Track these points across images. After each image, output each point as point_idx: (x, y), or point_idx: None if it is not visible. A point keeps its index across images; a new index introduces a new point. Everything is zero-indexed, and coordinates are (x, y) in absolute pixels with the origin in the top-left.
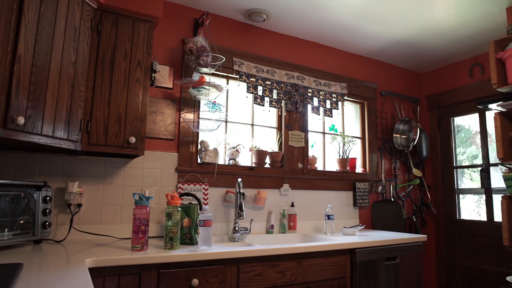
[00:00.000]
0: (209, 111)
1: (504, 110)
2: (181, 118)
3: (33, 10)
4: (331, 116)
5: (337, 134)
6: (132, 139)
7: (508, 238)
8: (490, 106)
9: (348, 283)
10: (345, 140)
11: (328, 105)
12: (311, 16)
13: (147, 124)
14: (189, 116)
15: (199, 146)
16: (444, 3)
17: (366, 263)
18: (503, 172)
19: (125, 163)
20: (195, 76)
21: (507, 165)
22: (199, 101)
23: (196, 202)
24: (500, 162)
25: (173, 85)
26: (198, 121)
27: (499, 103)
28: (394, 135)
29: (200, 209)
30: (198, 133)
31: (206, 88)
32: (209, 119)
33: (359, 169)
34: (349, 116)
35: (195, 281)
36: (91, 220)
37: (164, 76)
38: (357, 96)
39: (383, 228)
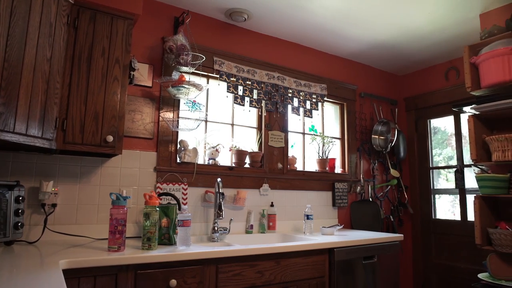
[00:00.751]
0: (188, 110)
1: (477, 113)
2: (160, 117)
3: (5, 3)
4: (311, 117)
5: (316, 135)
6: (110, 138)
7: (480, 237)
8: (464, 109)
9: (327, 282)
10: (325, 141)
11: (308, 106)
12: (292, 17)
13: (126, 123)
14: (168, 115)
15: (178, 146)
16: (422, 9)
17: (344, 263)
18: (476, 173)
19: (103, 162)
20: (175, 75)
21: (479, 166)
22: (179, 100)
23: (175, 202)
24: (473, 163)
25: (152, 84)
26: (178, 120)
27: (473, 106)
28: (372, 136)
29: (179, 209)
30: (177, 132)
31: (185, 87)
32: (188, 118)
33: (338, 169)
34: (329, 117)
35: (173, 282)
36: (67, 221)
37: (143, 75)
38: (337, 97)
39: (361, 228)
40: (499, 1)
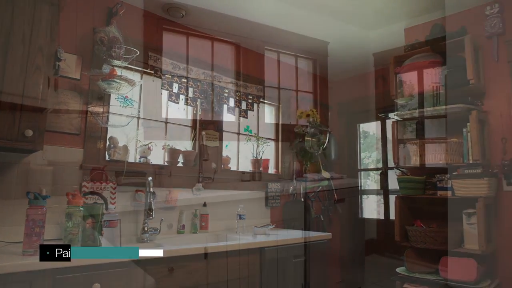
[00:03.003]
0: (120, 106)
1: (399, 119)
2: (88, 112)
3: None
4: (246, 117)
5: (251, 135)
6: (29, 132)
7: (399, 234)
8: (389, 115)
9: (257, 281)
10: (259, 142)
11: (243, 106)
12: (229, 16)
13: (49, 117)
14: (97, 110)
15: (107, 143)
16: (353, 20)
17: (274, 261)
18: (397, 175)
19: (20, 158)
20: (106, 68)
21: (400, 169)
22: (110, 95)
23: (102, 201)
24: (395, 166)
25: (80, 76)
26: (108, 116)
27: (396, 112)
28: (306, 138)
29: (106, 208)
30: (107, 128)
31: (117, 82)
32: (119, 114)
33: (271, 170)
34: (264, 118)
35: (97, 286)
36: None
37: (70, 66)
38: (273, 99)
39: (293, 227)
40: (420, 18)
